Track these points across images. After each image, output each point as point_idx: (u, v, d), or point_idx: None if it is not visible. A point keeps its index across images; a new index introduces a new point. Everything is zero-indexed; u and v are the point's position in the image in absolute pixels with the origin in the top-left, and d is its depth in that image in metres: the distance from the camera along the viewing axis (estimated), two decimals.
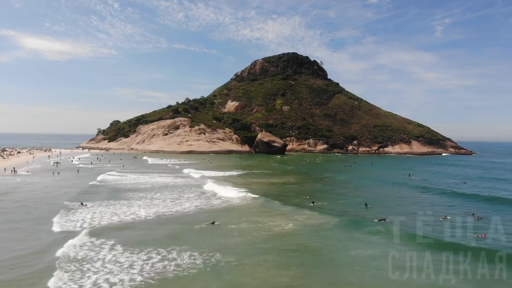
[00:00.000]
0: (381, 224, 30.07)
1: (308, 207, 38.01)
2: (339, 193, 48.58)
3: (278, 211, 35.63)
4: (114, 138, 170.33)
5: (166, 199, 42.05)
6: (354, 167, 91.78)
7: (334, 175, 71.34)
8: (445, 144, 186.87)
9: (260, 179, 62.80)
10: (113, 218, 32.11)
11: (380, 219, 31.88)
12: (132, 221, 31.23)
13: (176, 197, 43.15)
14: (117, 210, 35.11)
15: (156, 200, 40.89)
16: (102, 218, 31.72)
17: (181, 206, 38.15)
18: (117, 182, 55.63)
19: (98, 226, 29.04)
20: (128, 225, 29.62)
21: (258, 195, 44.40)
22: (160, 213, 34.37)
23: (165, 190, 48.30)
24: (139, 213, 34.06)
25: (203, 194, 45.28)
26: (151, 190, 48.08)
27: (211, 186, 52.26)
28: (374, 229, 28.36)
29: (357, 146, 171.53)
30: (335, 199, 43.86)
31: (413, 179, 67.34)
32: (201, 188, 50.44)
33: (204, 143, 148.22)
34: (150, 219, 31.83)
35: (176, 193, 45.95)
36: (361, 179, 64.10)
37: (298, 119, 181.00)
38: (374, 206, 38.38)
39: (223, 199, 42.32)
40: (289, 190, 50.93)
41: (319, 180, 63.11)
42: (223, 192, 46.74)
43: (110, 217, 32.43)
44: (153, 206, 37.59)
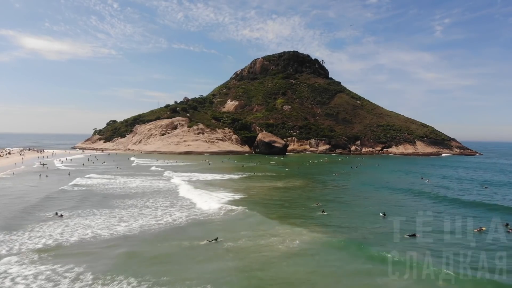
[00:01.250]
0: (413, 244, 24.89)
1: (318, 217, 33.17)
2: (351, 200, 43.70)
3: (284, 224, 30.74)
4: (110, 139, 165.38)
5: (158, 207, 37.16)
6: (361, 169, 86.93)
7: (342, 178, 66.44)
8: (450, 144, 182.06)
9: (263, 182, 57.92)
10: (86, 232, 27.17)
11: (410, 234, 27.05)
12: (109, 237, 26.27)
13: (167, 205, 38.23)
14: (92, 222, 30.14)
15: (146, 209, 35.97)
16: (73, 233, 26.76)
17: (172, 216, 33.26)
18: (105, 187, 50.72)
19: (66, 244, 24.14)
20: (102, 243, 24.69)
21: (262, 203, 39.55)
22: (145, 226, 29.45)
23: (157, 196, 43.39)
24: (118, 227, 28.98)
25: (199, 200, 40.42)
26: (141, 196, 43.16)
27: (209, 192, 47.37)
28: (403, 253, 23.32)
29: (360, 147, 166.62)
30: (346, 207, 38.99)
31: (427, 182, 62.60)
32: (204, 194, 45.53)
33: (202, 144, 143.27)
34: (131, 235, 26.88)
35: (169, 200, 41.01)
36: (371, 183, 59.18)
37: (299, 118, 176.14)
38: (392, 216, 33.49)
39: (222, 208, 37.39)
40: (295, 196, 46.03)
41: (326, 184, 58.13)
42: (221, 200, 41.87)
43: (84, 231, 27.50)
44: (139, 217, 32.68)
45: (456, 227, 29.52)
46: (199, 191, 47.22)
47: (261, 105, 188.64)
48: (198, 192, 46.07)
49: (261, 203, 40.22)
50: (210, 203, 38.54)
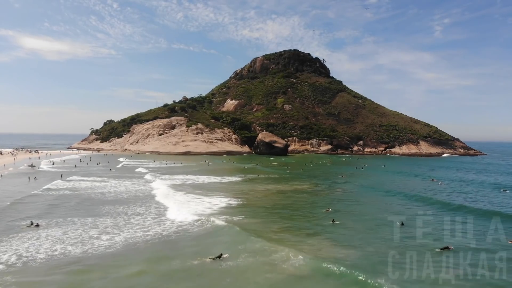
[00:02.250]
0: (450, 262, 21.07)
1: (328, 228, 29.35)
2: (362, 206, 39.76)
3: (289, 236, 26.91)
4: (107, 139, 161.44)
5: (147, 215, 33.32)
6: (366, 170, 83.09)
7: (349, 180, 62.49)
8: (454, 144, 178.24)
9: (266, 185, 54.02)
10: (55, 248, 23.23)
11: (443, 248, 23.32)
12: (81, 255, 22.32)
13: (160, 213, 34.37)
14: (64, 236, 26.12)
15: (135, 218, 32.12)
16: (39, 250, 22.85)
17: (161, 226, 29.39)
18: (93, 191, 46.84)
19: (31, 264, 20.25)
20: (72, 263, 20.81)
21: (262, 212, 35.73)
22: (130, 240, 25.55)
23: (150, 202, 39.53)
24: (99, 241, 25.07)
25: (196, 206, 36.59)
26: (132, 203, 39.31)
27: (202, 197, 43.49)
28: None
29: (362, 147, 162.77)
30: (358, 215, 35.08)
31: (439, 185, 58.82)
32: (195, 200, 41.65)
33: (201, 144, 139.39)
34: (111, 253, 22.99)
35: (162, 208, 37.14)
36: (380, 186, 55.25)
37: (300, 118, 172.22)
38: (411, 226, 29.68)
39: (222, 218, 33.54)
40: (301, 201, 42.18)
41: (333, 187, 54.12)
42: (220, 205, 38.04)
43: (51, 246, 23.59)
44: (126, 227, 28.82)
45: (491, 239, 25.73)
46: (190, 196, 42.96)
47: (261, 104, 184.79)
48: (188, 198, 41.80)
49: (261, 212, 36.32)
50: (192, 213, 33.75)
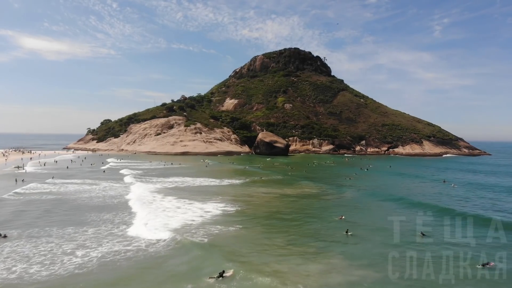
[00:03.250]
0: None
1: (342, 240, 25.85)
2: (376, 213, 36.30)
3: (301, 257, 23.42)
4: (104, 139, 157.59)
5: (108, 228, 29.78)
6: (372, 171, 79.57)
7: (357, 183, 58.87)
8: (458, 144, 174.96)
9: (269, 188, 50.48)
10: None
11: (483, 264, 20.15)
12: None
13: (122, 226, 30.83)
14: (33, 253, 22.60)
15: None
16: None
17: (135, 243, 25.85)
18: (63, 197, 43.24)
19: None
20: None
21: (271, 218, 32.23)
22: (106, 257, 21.99)
23: (120, 211, 35.96)
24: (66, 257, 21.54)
25: (189, 212, 33.09)
26: (98, 211, 35.75)
27: (195, 203, 39.92)
28: None
29: (365, 147, 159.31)
30: (374, 223, 31.58)
31: (452, 187, 55.52)
32: (185, 206, 38.10)
33: (200, 144, 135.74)
34: (83, 274, 19.44)
35: (153, 214, 33.60)
36: (390, 190, 51.86)
37: (301, 117, 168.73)
38: (434, 237, 26.24)
39: (210, 233, 29.99)
40: (309, 207, 38.66)
41: (341, 191, 50.40)
42: (214, 212, 34.52)
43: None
44: (104, 241, 25.26)
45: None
46: (181, 201, 38.96)
47: (262, 103, 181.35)
48: (177, 203, 37.84)
49: (262, 221, 32.76)
50: (166, 226, 28.75)
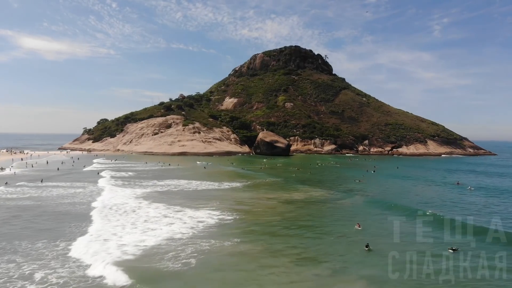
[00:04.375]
0: None
1: (362, 258, 21.77)
2: (392, 222, 32.07)
3: (321, 270, 19.35)
4: (99, 138, 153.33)
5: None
6: (380, 173, 75.38)
7: (366, 187, 54.21)
8: (463, 144, 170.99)
9: (273, 193, 46.34)
10: None
11: None
12: None
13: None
14: None
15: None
16: None
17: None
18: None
19: None
20: None
21: (276, 229, 28.17)
22: None
23: (100, 221, 31.87)
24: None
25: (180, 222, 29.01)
26: (80, 221, 31.68)
27: (186, 210, 35.83)
28: None
29: (368, 146, 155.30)
30: (393, 234, 27.40)
31: (468, 189, 51.69)
32: (174, 214, 34.02)
33: (198, 144, 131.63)
34: None
35: (128, 228, 29.50)
36: (405, 195, 47.85)
37: (302, 116, 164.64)
38: (465, 250, 22.23)
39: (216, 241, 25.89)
40: (318, 214, 34.62)
41: (352, 194, 46.05)
42: (208, 222, 30.46)
43: None
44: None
45: None
46: (171, 209, 34.65)
47: (262, 102, 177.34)
48: (165, 211, 33.43)
49: (266, 233, 28.66)
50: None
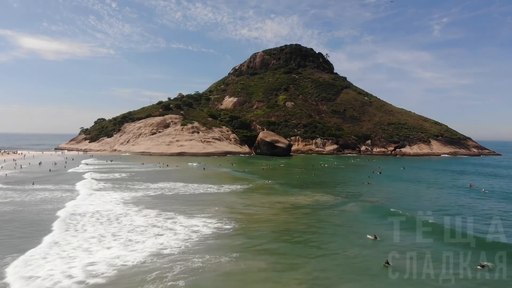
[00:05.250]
0: None
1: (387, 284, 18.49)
2: (410, 232, 28.82)
3: None
4: (96, 138, 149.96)
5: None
6: (386, 175, 71.93)
7: (376, 191, 50.56)
8: (467, 144, 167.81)
9: (275, 197, 42.97)
10: None
11: None
12: None
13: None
14: None
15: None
16: None
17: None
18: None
19: None
20: None
21: (280, 241, 24.88)
22: None
23: (105, 225, 28.54)
24: None
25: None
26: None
27: (178, 218, 32.49)
28: None
29: (371, 146, 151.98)
30: (414, 246, 24.12)
31: (482, 192, 48.58)
32: (162, 223, 30.70)
33: (197, 144, 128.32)
34: None
35: (123, 234, 26.17)
36: (418, 200, 44.59)
37: (303, 116, 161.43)
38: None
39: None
40: (326, 222, 31.32)
41: (362, 199, 42.46)
42: (203, 232, 27.13)
43: None
44: None
45: None
46: (162, 216, 31.22)
47: (262, 101, 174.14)
48: (153, 220, 29.83)
49: (268, 247, 25.31)
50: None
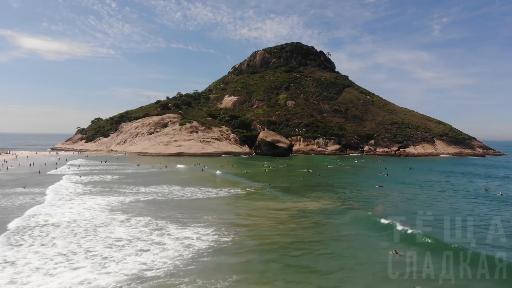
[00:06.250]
0: None
1: None
2: (435, 248, 25.30)
3: None
4: (93, 138, 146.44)
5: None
6: (394, 177, 68.36)
7: (387, 196, 46.75)
8: (472, 144, 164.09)
9: (280, 201, 39.24)
10: None
11: None
12: None
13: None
14: None
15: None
16: None
17: None
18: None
19: None
20: None
21: (286, 258, 21.34)
22: None
23: (79, 238, 25.00)
24: None
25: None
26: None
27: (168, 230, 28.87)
28: None
29: (374, 147, 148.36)
30: (437, 263, 20.61)
31: (500, 196, 45.17)
32: (147, 236, 27.05)
33: (196, 144, 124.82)
34: None
35: (99, 250, 22.60)
36: (434, 205, 40.97)
37: (304, 115, 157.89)
38: None
39: None
40: (342, 233, 27.72)
41: (373, 205, 38.62)
42: (196, 246, 23.58)
43: None
44: None
45: None
46: (150, 227, 27.58)
47: (262, 101, 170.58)
48: (138, 231, 26.11)
49: (273, 267, 21.77)
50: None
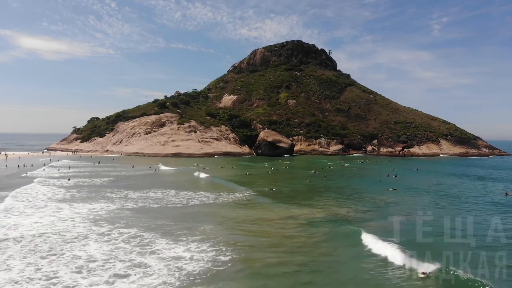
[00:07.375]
0: None
1: None
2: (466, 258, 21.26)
3: None
4: (88, 138, 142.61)
5: None
6: (402, 177, 64.42)
7: (402, 196, 43.12)
8: (477, 143, 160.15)
9: (286, 209, 34.83)
10: None
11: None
12: None
13: None
14: None
15: None
16: None
17: None
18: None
19: None
20: None
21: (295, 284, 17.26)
22: None
23: (40, 259, 20.97)
24: None
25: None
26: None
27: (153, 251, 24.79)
28: None
29: (377, 146, 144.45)
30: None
31: None
32: (125, 257, 22.99)
33: (194, 144, 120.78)
34: None
35: (62, 275, 18.59)
36: (459, 212, 36.99)
37: (306, 114, 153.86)
38: None
39: None
40: (351, 247, 23.64)
41: (387, 213, 34.01)
42: (187, 270, 19.52)
43: None
44: None
45: None
46: (133, 243, 23.57)
47: (263, 99, 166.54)
48: (122, 250, 22.28)
49: None
50: None
